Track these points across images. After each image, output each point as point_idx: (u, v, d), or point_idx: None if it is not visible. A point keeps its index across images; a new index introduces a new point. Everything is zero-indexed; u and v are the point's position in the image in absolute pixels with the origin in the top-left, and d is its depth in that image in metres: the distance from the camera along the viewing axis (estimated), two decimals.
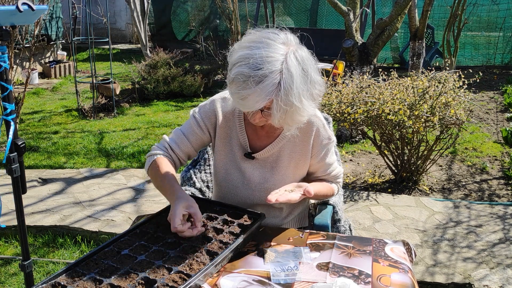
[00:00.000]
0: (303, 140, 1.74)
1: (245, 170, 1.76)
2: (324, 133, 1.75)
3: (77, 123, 6.23)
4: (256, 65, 1.40)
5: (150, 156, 1.72)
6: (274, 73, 1.40)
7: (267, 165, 1.75)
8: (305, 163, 1.77)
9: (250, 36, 1.51)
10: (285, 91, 1.40)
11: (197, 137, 1.75)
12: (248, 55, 1.43)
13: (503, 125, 5.83)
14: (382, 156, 4.16)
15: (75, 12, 11.08)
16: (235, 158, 1.76)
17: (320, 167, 1.81)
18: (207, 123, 1.75)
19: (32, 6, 1.63)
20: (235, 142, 1.75)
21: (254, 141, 1.75)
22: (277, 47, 1.44)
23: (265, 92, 1.40)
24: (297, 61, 1.44)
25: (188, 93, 7.53)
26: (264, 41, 1.45)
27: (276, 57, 1.41)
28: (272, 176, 1.75)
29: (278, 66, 1.41)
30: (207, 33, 11.13)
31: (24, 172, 1.82)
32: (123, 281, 1.29)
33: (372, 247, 1.56)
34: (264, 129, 1.73)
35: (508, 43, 9.58)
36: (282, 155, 1.74)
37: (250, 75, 1.40)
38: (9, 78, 1.74)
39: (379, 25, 5.23)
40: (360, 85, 3.86)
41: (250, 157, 1.74)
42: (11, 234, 3.31)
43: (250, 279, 1.37)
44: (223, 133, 1.75)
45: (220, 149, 1.77)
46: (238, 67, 1.43)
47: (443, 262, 2.93)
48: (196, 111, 1.77)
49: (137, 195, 3.91)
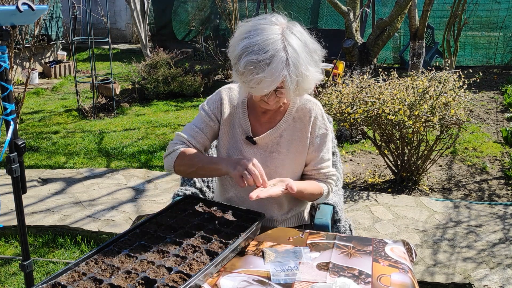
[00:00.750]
0: (303, 126, 1.80)
1: (246, 155, 1.80)
2: (322, 121, 1.82)
3: (77, 123, 6.23)
4: (261, 49, 1.49)
5: (172, 152, 1.76)
6: (279, 51, 1.50)
7: (267, 150, 1.80)
8: (303, 150, 1.81)
9: (242, 28, 1.60)
10: (294, 64, 1.51)
11: (209, 127, 1.82)
12: (250, 43, 1.52)
13: (503, 125, 5.83)
14: (382, 156, 4.17)
15: (75, 12, 11.08)
16: (237, 143, 1.81)
17: (314, 158, 1.82)
18: (215, 112, 1.82)
19: (32, 6, 1.63)
20: (237, 128, 1.81)
21: (256, 127, 1.81)
22: (272, 28, 1.54)
23: (277, 70, 1.49)
24: (294, 35, 1.55)
25: (188, 93, 7.53)
26: (258, 27, 1.55)
27: (275, 37, 1.51)
28: (272, 161, 1.79)
29: (281, 45, 1.51)
30: (207, 33, 11.13)
31: (24, 172, 1.82)
32: (123, 281, 1.29)
33: (372, 247, 1.56)
34: (267, 116, 1.80)
35: (508, 43, 9.58)
36: (282, 140, 1.79)
37: (260, 60, 1.49)
38: (9, 78, 1.74)
39: (379, 25, 5.23)
40: (360, 85, 3.86)
41: (252, 142, 1.79)
42: (11, 234, 3.31)
43: (250, 279, 1.37)
44: (227, 119, 1.82)
45: (224, 135, 1.83)
46: (245, 57, 1.51)
47: (443, 262, 2.93)
48: (204, 104, 1.85)
49: (137, 195, 3.92)
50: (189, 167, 1.73)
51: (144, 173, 4.40)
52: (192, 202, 1.76)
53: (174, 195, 2.01)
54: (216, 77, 8.54)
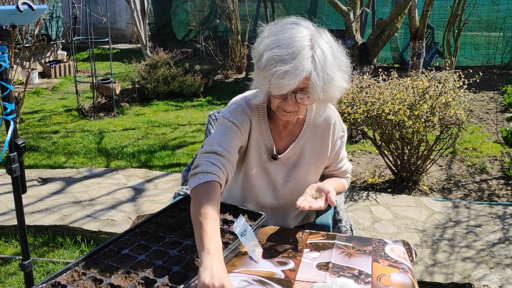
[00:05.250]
0: (323, 134, 1.78)
1: (270, 171, 1.78)
2: (340, 125, 1.82)
3: (77, 122, 6.23)
4: (287, 44, 1.46)
5: (204, 173, 1.48)
6: (305, 49, 1.45)
7: (289, 163, 1.79)
8: (325, 156, 1.81)
9: (269, 28, 1.55)
10: (320, 63, 1.46)
11: (239, 147, 1.68)
12: (276, 40, 1.48)
13: (503, 125, 5.83)
14: (382, 156, 4.17)
15: (75, 11, 11.08)
16: (262, 161, 1.77)
17: (334, 160, 1.86)
18: (244, 131, 1.68)
19: (32, 6, 1.63)
20: (262, 146, 1.75)
21: (278, 142, 1.77)
22: (300, 29, 1.51)
23: (302, 66, 1.43)
24: (323, 39, 1.52)
25: (188, 93, 7.53)
26: (287, 27, 1.52)
27: (303, 37, 1.48)
28: (295, 173, 1.79)
29: (308, 43, 1.47)
30: (207, 33, 11.13)
31: (24, 171, 1.82)
32: (123, 281, 1.29)
33: (372, 247, 1.56)
34: (287, 129, 1.76)
35: (508, 43, 9.58)
36: (304, 151, 1.78)
37: (284, 54, 1.44)
38: (9, 78, 1.74)
39: (379, 25, 5.23)
40: (360, 85, 3.86)
41: (275, 158, 1.77)
42: (11, 234, 3.31)
43: (250, 279, 1.37)
44: (254, 137, 1.73)
45: (252, 154, 1.75)
46: (269, 51, 1.47)
47: (442, 262, 2.93)
48: (229, 118, 1.66)
49: (136, 194, 3.91)
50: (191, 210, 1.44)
51: (144, 172, 4.40)
52: None
53: (175, 195, 2.01)
54: (216, 77, 8.53)
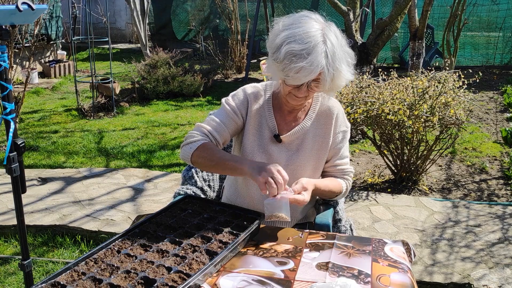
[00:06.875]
0: (326, 124, 1.85)
1: (272, 153, 1.82)
2: (343, 119, 1.89)
3: (76, 122, 6.23)
4: (303, 39, 1.56)
5: (192, 142, 1.75)
6: (319, 44, 1.57)
7: (292, 148, 1.84)
8: (326, 146, 1.85)
9: (283, 21, 1.66)
10: (331, 57, 1.59)
11: (233, 123, 1.82)
12: (292, 34, 1.58)
13: (502, 125, 5.83)
14: (381, 156, 4.17)
15: (75, 11, 11.08)
16: (263, 141, 1.83)
17: (334, 154, 1.88)
18: (241, 109, 1.84)
19: (32, 6, 1.63)
20: (264, 127, 1.84)
21: (281, 126, 1.84)
22: (312, 24, 1.61)
23: (317, 61, 1.56)
24: (332, 33, 1.63)
25: (187, 93, 7.52)
26: (300, 20, 1.62)
27: (315, 31, 1.59)
28: (297, 159, 1.83)
29: (321, 38, 1.58)
30: (207, 32, 11.13)
31: (23, 171, 1.82)
32: (122, 281, 1.29)
33: (372, 247, 1.56)
34: (292, 114, 1.84)
35: (507, 43, 9.58)
36: (307, 138, 1.84)
37: (301, 49, 1.55)
38: (8, 78, 1.74)
39: (379, 25, 5.23)
40: (360, 85, 3.86)
41: (278, 140, 1.82)
42: (10, 234, 3.31)
43: (249, 279, 1.37)
44: (253, 118, 1.84)
45: (250, 133, 1.84)
46: (287, 45, 1.57)
47: (442, 261, 2.93)
48: (229, 99, 1.85)
49: (136, 194, 3.91)
50: (208, 161, 1.70)
51: (144, 172, 4.40)
52: (192, 201, 1.76)
53: (175, 194, 2.02)
54: (216, 77, 8.53)
